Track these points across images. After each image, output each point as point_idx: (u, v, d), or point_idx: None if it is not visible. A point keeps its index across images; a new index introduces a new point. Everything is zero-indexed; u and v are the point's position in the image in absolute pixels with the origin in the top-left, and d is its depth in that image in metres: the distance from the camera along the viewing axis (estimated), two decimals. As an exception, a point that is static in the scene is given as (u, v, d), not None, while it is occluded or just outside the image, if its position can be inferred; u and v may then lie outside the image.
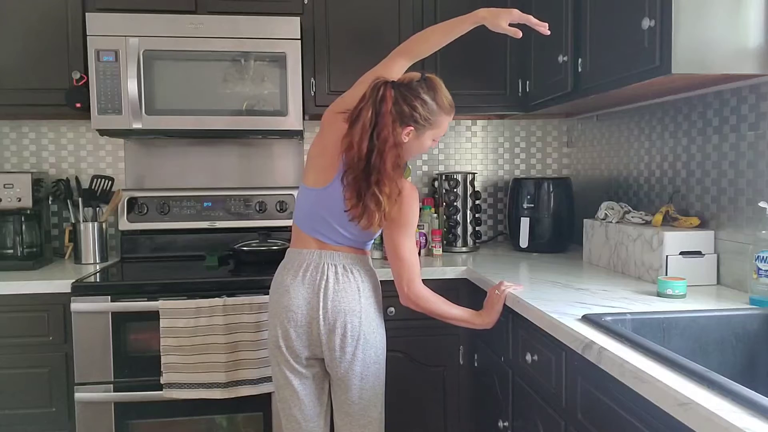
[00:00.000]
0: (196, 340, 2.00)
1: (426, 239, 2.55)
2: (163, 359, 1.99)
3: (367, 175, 1.60)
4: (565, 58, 2.05)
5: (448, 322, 1.78)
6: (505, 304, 1.77)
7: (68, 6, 2.33)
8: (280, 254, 2.42)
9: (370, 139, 1.59)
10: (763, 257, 1.51)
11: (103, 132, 2.39)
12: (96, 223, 2.47)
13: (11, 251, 2.37)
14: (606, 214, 2.20)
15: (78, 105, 2.30)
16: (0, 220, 2.37)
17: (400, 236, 1.68)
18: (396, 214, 1.66)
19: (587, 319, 1.40)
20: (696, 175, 1.94)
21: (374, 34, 2.46)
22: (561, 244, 2.60)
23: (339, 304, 1.66)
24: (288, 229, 2.65)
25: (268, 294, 2.03)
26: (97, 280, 2.16)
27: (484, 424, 2.09)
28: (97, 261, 2.47)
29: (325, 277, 1.68)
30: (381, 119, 1.60)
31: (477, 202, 2.71)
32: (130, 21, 2.28)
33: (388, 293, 1.82)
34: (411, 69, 1.79)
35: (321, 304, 1.66)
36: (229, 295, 2.04)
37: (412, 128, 1.66)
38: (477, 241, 2.73)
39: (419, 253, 2.38)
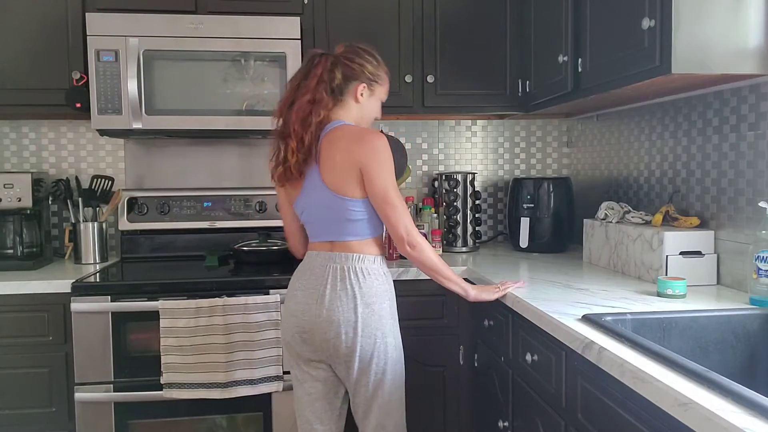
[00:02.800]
0: (196, 340, 1.99)
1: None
2: (163, 359, 1.99)
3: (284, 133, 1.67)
4: (565, 58, 2.05)
5: (441, 279, 1.76)
6: (505, 304, 1.77)
7: (68, 6, 2.33)
8: (280, 254, 2.45)
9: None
10: (763, 257, 1.51)
11: (103, 132, 2.38)
12: (96, 223, 2.47)
13: (11, 251, 2.37)
14: (606, 214, 2.20)
15: (78, 105, 2.30)
16: (0, 220, 2.37)
17: (379, 181, 1.61)
18: (366, 159, 1.61)
19: (587, 319, 1.40)
20: (696, 175, 1.94)
21: (374, 34, 2.45)
22: (561, 244, 2.60)
23: (333, 313, 1.62)
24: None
25: (267, 294, 2.07)
26: (97, 280, 2.16)
27: (484, 424, 2.09)
28: (97, 261, 2.47)
29: (325, 283, 1.65)
30: (307, 83, 1.66)
31: (477, 202, 2.71)
32: (130, 21, 2.28)
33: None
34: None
35: (318, 311, 1.64)
36: (228, 295, 2.04)
37: (364, 85, 1.71)
38: (477, 241, 2.73)
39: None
